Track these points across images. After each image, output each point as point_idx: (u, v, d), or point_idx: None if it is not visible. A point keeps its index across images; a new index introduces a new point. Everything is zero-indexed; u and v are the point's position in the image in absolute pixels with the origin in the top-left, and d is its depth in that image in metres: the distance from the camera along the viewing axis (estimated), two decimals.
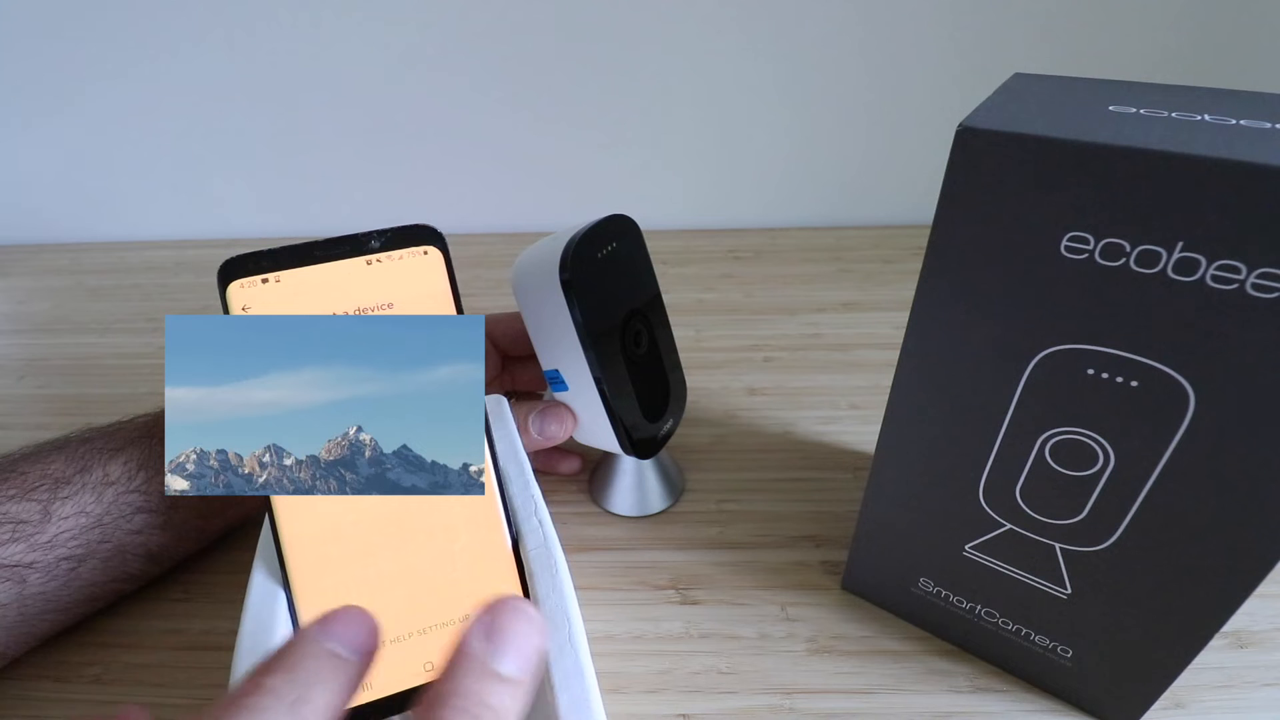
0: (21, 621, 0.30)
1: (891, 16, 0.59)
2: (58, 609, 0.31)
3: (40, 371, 0.53)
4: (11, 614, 0.30)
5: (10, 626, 0.30)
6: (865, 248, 0.66)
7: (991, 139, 0.21)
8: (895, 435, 0.29)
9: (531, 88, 0.64)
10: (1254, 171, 0.18)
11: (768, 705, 0.31)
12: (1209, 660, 0.31)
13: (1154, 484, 0.23)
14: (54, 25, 0.61)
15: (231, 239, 0.72)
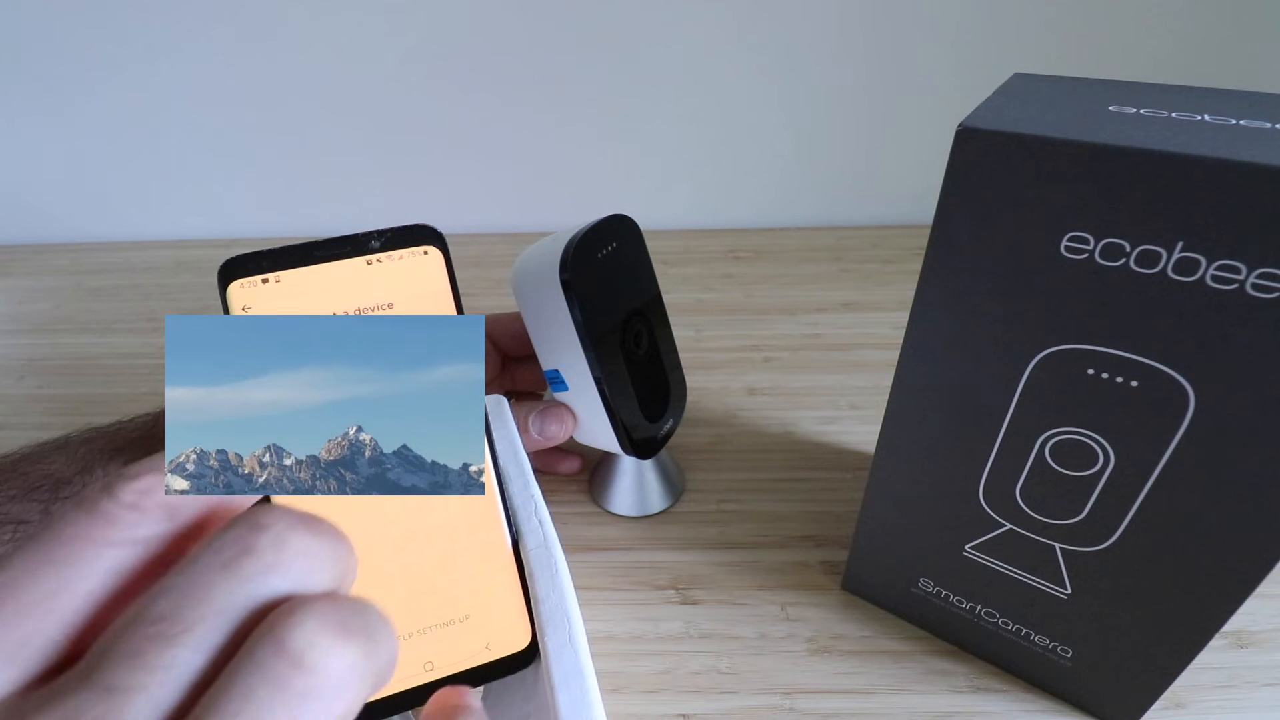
0: None
1: (891, 17, 0.59)
2: None
3: (40, 371, 0.53)
4: None
5: None
6: (865, 248, 0.66)
7: (991, 139, 0.21)
8: (895, 435, 0.29)
9: (532, 88, 0.64)
10: (1254, 171, 0.18)
11: (768, 705, 0.31)
12: (1209, 660, 0.31)
13: (1154, 484, 0.23)
14: (54, 25, 0.61)
15: (231, 239, 0.72)
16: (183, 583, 0.13)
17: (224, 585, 0.13)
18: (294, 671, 0.12)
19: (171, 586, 0.13)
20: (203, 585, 0.13)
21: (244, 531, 0.14)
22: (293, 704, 0.12)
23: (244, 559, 0.13)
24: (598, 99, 0.64)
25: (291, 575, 0.14)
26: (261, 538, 0.14)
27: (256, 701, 0.12)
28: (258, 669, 0.12)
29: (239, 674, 0.12)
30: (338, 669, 0.13)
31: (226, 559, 0.13)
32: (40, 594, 0.13)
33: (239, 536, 0.14)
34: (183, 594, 0.13)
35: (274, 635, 0.13)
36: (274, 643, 0.12)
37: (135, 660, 0.12)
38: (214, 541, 0.14)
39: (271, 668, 0.12)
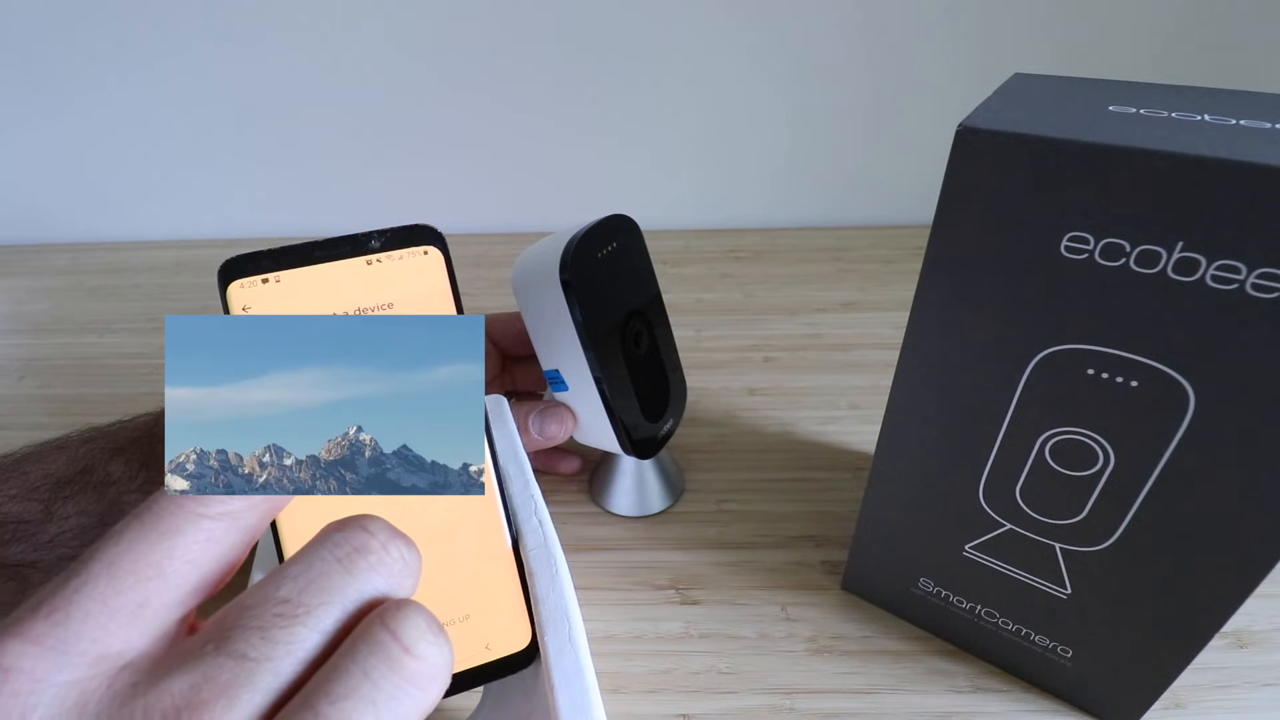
0: None
1: (891, 17, 0.59)
2: None
3: (40, 371, 0.53)
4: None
5: None
6: (865, 248, 0.66)
7: (991, 139, 0.21)
8: (895, 435, 0.29)
9: (532, 88, 0.64)
10: (1254, 171, 0.18)
11: (768, 705, 0.31)
12: (1209, 660, 0.31)
13: (1154, 484, 0.23)
14: (55, 25, 0.61)
15: (231, 239, 0.72)
16: (304, 571, 0.15)
17: (341, 577, 0.15)
18: (406, 656, 0.14)
19: (293, 574, 0.15)
20: (322, 574, 0.15)
21: (356, 533, 0.16)
22: (401, 685, 0.14)
23: (357, 558, 0.16)
24: (598, 99, 0.64)
25: (391, 578, 0.16)
26: (371, 541, 0.16)
27: (374, 678, 0.14)
28: (375, 650, 0.14)
29: (357, 653, 0.14)
30: (438, 662, 0.15)
31: (342, 555, 0.16)
32: (153, 559, 0.15)
33: (351, 537, 0.16)
34: (305, 581, 0.15)
35: (389, 625, 0.15)
36: (389, 631, 0.15)
37: (263, 634, 0.14)
38: (330, 538, 0.16)
39: (388, 651, 0.14)
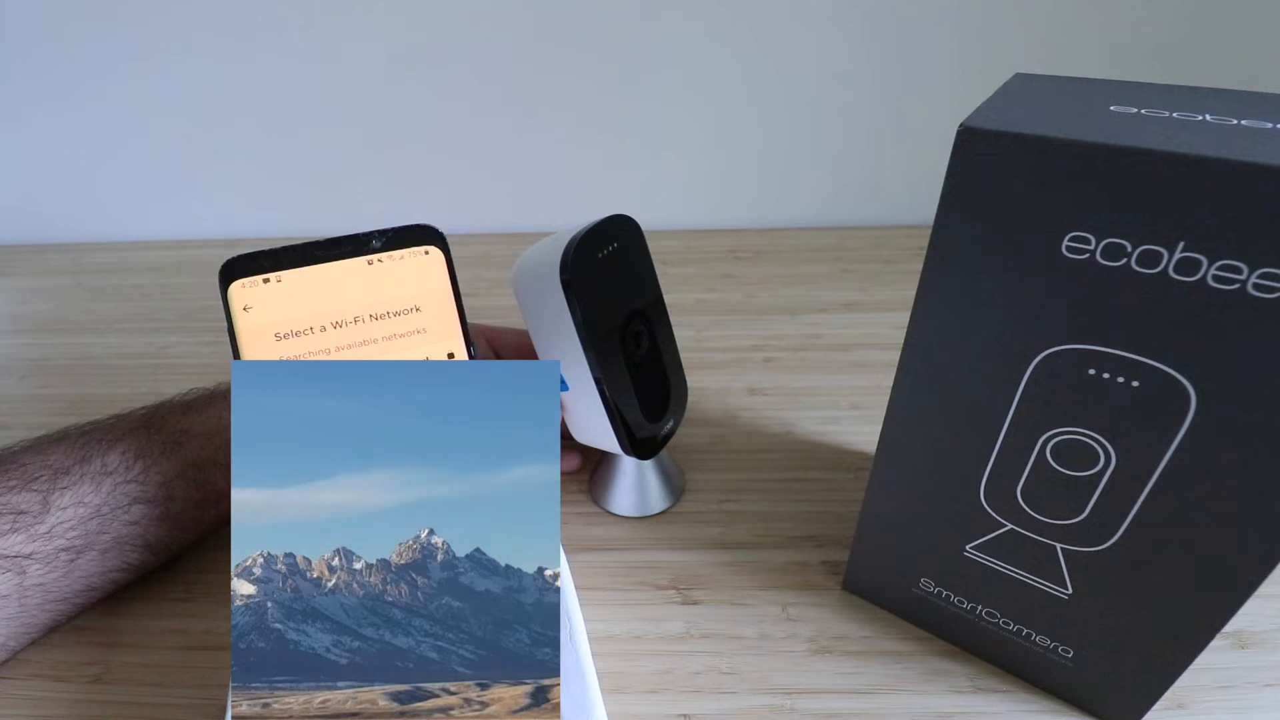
0: (22, 612, 0.30)
1: (892, 17, 0.59)
2: (57, 599, 0.32)
3: (41, 371, 0.53)
4: (12, 605, 0.30)
5: (10, 617, 0.30)
6: (866, 248, 0.66)
7: (992, 139, 0.21)
8: (896, 435, 0.29)
9: (532, 88, 0.64)
10: (1255, 171, 0.18)
11: (768, 705, 0.31)
12: (1210, 660, 0.31)
13: (1155, 484, 0.23)
14: (55, 25, 0.61)
15: (232, 239, 0.72)
16: None
17: None
18: None
19: None
20: None
21: None
22: None
23: None
24: (599, 99, 0.64)
25: None
26: None
27: None
28: None
29: None
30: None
31: None
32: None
33: None
34: None
35: None
36: None
37: None
38: None
39: None
